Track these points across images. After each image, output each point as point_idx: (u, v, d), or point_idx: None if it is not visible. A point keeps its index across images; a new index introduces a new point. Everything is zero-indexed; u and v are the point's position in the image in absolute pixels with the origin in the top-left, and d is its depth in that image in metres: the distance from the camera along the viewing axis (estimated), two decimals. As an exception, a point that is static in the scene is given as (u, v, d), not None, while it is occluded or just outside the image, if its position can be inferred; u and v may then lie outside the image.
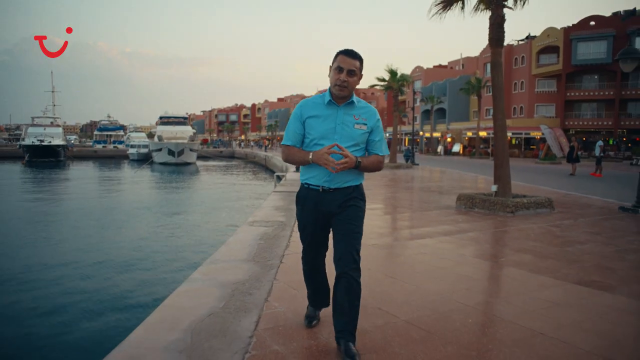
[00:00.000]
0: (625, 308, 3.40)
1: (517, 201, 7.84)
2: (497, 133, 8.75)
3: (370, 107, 2.63)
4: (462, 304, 3.41)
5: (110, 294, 7.66)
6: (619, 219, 7.55)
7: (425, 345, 2.70)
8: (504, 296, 3.74)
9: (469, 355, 2.58)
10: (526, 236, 6.03)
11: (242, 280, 3.84)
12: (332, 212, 2.57)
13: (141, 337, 2.74)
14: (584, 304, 3.47)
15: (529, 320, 3.09)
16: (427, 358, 2.53)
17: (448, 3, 9.23)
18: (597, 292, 3.75)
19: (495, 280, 4.27)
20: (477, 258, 4.87)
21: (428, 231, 6.33)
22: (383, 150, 2.63)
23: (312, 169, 2.55)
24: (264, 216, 7.10)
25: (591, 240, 5.80)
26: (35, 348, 5.91)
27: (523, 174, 18.12)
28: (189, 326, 2.87)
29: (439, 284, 3.92)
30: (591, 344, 2.74)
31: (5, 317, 6.83)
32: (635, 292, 3.77)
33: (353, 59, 2.48)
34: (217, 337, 2.74)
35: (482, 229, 6.53)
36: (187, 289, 3.64)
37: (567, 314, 3.24)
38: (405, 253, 5.14)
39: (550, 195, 9.63)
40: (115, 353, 2.54)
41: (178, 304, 3.28)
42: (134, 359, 2.46)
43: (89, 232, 13.07)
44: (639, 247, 5.52)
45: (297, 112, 2.59)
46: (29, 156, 48.07)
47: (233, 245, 5.20)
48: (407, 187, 13.34)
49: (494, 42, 8.55)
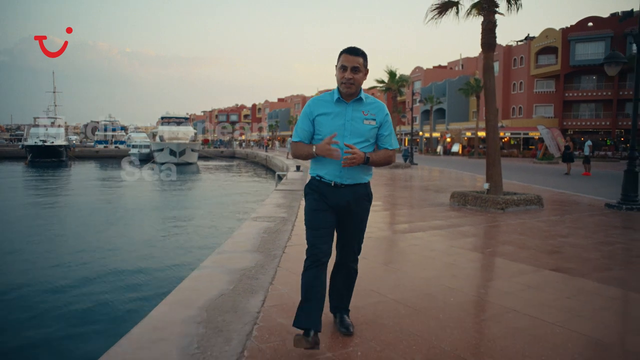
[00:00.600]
0: (592, 290, 3.79)
1: (507, 198, 8.24)
2: (489, 134, 9.14)
3: (378, 102, 2.68)
4: (446, 287, 3.81)
5: (124, 283, 8.10)
6: (604, 215, 7.94)
7: (411, 319, 3.09)
8: (485, 280, 4.13)
9: (448, 326, 2.97)
10: (513, 230, 6.42)
11: (249, 267, 4.23)
12: (340, 206, 2.63)
13: (162, 313, 3.14)
14: (555, 287, 3.87)
15: (505, 300, 3.49)
16: (412, 329, 2.93)
17: (443, 9, 9.62)
18: (569, 277, 4.14)
19: (479, 268, 4.66)
20: (465, 249, 5.26)
21: (421, 225, 6.72)
22: (393, 144, 2.70)
23: (325, 165, 2.61)
24: (266, 212, 7.49)
25: (573, 234, 6.19)
26: (66, 325, 6.33)
27: (519, 174, 18.52)
28: (203, 304, 3.27)
29: (427, 271, 4.31)
30: (555, 317, 3.14)
31: (35, 301, 7.28)
32: (604, 277, 4.16)
33: (356, 56, 2.53)
34: (229, 312, 3.14)
35: (472, 224, 6.92)
36: (199, 274, 4.04)
37: (539, 295, 3.63)
38: (399, 245, 5.54)
39: (543, 194, 10.03)
40: (141, 325, 2.93)
41: (192, 287, 3.68)
42: (159, 329, 2.86)
43: (98, 229, 13.50)
44: (617, 239, 5.91)
45: (306, 110, 2.65)
46: (31, 156, 48.49)
47: (238, 238, 5.60)
48: (405, 185, 13.73)
49: (486, 46, 8.94)
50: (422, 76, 63.05)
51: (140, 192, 24.92)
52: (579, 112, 46.74)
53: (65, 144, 53.11)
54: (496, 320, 3.09)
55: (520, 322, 3.06)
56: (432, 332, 2.87)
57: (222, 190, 24.88)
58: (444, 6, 9.53)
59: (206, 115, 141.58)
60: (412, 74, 64.83)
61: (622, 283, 4.03)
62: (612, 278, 4.15)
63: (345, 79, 2.51)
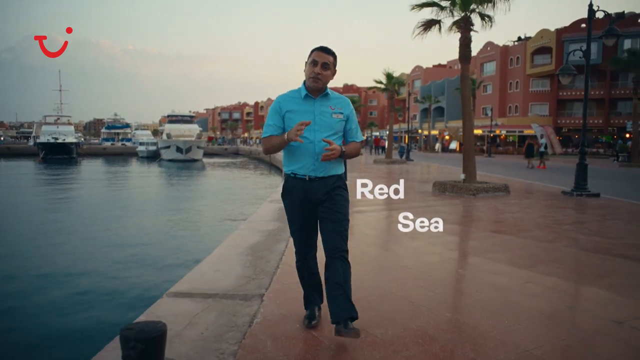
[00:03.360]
0: (509, 240, 5.48)
1: (478, 186, 9.92)
2: (466, 133, 10.82)
3: (343, 97, 2.78)
4: (408, 238, 5.51)
5: (160, 253, 9.81)
6: (557, 199, 9.63)
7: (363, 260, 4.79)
8: (440, 236, 5.83)
9: (405, 255, 4.66)
10: (476, 209, 8.12)
11: (272, 229, 5.93)
12: (319, 199, 2.69)
13: (221, 251, 4.85)
14: (489, 241, 5.56)
15: (459, 256, 5.18)
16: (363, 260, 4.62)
17: (428, 25, 11.27)
18: (501, 235, 5.84)
19: (439, 232, 6.34)
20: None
21: (403, 207, 8.40)
22: (359, 137, 2.82)
23: (298, 160, 2.68)
24: (279, 197, 9.19)
25: (521, 211, 7.89)
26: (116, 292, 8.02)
27: (504, 169, 20.23)
28: (248, 246, 4.97)
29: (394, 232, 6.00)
30: (480, 252, 4.84)
31: (55, 287, 7.87)
32: (530, 235, 5.84)
33: (327, 54, 2.63)
34: (265, 250, 4.84)
35: (445, 205, 8.62)
36: (239, 233, 5.75)
37: (476, 245, 5.34)
38: (381, 221, 7.23)
39: (515, 184, 11.72)
40: (210, 257, 4.62)
41: (237, 240, 5.38)
42: (223, 257, 4.56)
43: (126, 214, 15.24)
44: (553, 215, 7.60)
45: (275, 107, 2.71)
46: (44, 153, 50.29)
47: (261, 212, 7.31)
48: (397, 178, 15.41)
49: (463, 59, 10.61)
50: (422, 75, 64.55)
51: (155, 186, 26.67)
52: (572, 110, 48.24)
53: (75, 141, 54.98)
54: (439, 266, 4.80)
55: (451, 253, 4.76)
56: (386, 258, 4.56)
57: (234, 182, 26.62)
58: (429, 24, 11.18)
59: (209, 112, 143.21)
60: (412, 73, 66.42)
61: (535, 238, 5.72)
62: (528, 235, 5.85)
63: (315, 73, 2.60)
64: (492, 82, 52.07)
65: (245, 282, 3.76)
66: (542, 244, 5.38)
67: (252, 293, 3.49)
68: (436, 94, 56.20)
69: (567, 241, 5.56)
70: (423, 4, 10.70)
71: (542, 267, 4.37)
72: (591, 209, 8.30)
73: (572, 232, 6.15)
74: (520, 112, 49.16)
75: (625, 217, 7.47)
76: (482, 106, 51.83)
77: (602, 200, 9.54)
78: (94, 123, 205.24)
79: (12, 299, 7.17)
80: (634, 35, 42.95)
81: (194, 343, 2.62)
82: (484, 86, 52.31)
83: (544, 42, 46.69)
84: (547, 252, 4.99)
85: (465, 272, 4.36)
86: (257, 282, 3.77)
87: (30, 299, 7.16)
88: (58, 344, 5.80)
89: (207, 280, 3.82)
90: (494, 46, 51.60)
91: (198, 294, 3.45)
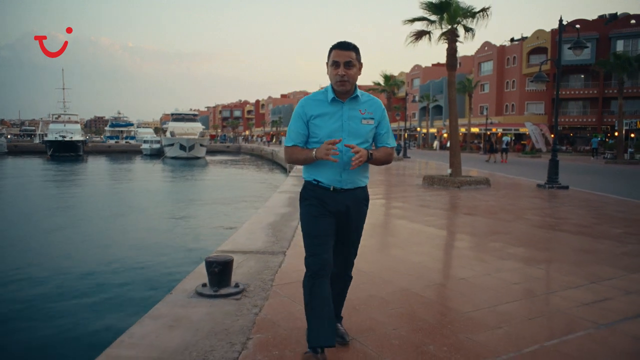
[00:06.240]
0: (477, 220, 6.82)
1: (462, 179, 11.27)
2: (452, 132, 12.16)
3: (374, 98, 2.56)
4: (396, 217, 6.85)
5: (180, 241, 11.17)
6: (531, 191, 10.97)
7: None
8: (421, 216, 7.17)
9: (391, 234, 6.01)
10: (457, 199, 9.46)
11: (285, 213, 7.28)
12: (340, 211, 2.53)
13: (248, 226, 6.20)
14: (460, 220, 6.91)
15: (435, 229, 6.53)
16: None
17: (418, 36, 12.59)
18: (471, 216, 7.18)
19: (420, 213, 7.70)
20: (416, 206, 8.30)
21: (394, 197, 9.75)
22: (391, 142, 2.61)
23: (324, 169, 2.49)
24: (288, 188, 10.55)
25: (494, 200, 9.24)
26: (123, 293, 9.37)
27: (492, 165, 21.57)
28: (267, 224, 6.32)
29: (388, 217, 7.35)
30: (448, 228, 6.19)
31: (57, 285, 8.00)
32: (495, 217, 7.18)
33: (347, 50, 2.38)
34: (282, 225, 6.20)
35: (431, 196, 9.96)
36: (259, 215, 7.10)
37: (447, 223, 6.67)
38: (374, 208, 8.57)
39: (499, 179, 13.04)
40: (240, 230, 5.96)
41: (258, 219, 6.73)
42: (250, 229, 5.91)
43: (144, 205, 16.59)
44: (520, 202, 8.94)
45: (299, 111, 2.49)
46: (52, 151, 51.65)
47: (273, 200, 8.66)
48: (393, 173, 16.76)
49: (449, 66, 11.93)
50: (421, 74, 65.71)
51: (163, 182, 28.01)
52: (567, 109, 49.49)
53: (82, 139, 56.36)
54: (421, 240, 6.14)
55: (438, 240, 6.12)
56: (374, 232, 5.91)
57: (242, 177, 27.95)
58: (419, 34, 12.50)
59: (210, 110, 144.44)
60: (411, 72, 67.68)
61: (498, 218, 7.06)
62: (493, 217, 7.20)
63: (339, 75, 2.36)
64: (490, 81, 53.37)
65: (271, 244, 5.12)
66: (501, 223, 6.73)
67: (277, 251, 4.84)
68: (435, 92, 57.42)
69: (523, 221, 6.91)
70: (414, 19, 12.04)
71: (495, 236, 5.72)
72: (555, 198, 9.65)
73: (530, 214, 7.50)
74: (517, 111, 50.43)
75: (580, 204, 8.80)
76: (480, 104, 53.13)
77: (569, 192, 10.88)
78: (95, 121, 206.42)
79: (37, 287, 7.77)
80: (627, 37, 44.26)
81: (244, 275, 3.97)
82: (482, 85, 53.64)
83: (539, 43, 47.96)
84: (503, 227, 6.34)
85: (433, 238, 5.71)
86: (279, 244, 5.12)
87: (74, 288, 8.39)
88: (95, 319, 6.58)
89: (242, 244, 5.16)
90: (492, 46, 52.88)
91: (238, 251, 4.79)
